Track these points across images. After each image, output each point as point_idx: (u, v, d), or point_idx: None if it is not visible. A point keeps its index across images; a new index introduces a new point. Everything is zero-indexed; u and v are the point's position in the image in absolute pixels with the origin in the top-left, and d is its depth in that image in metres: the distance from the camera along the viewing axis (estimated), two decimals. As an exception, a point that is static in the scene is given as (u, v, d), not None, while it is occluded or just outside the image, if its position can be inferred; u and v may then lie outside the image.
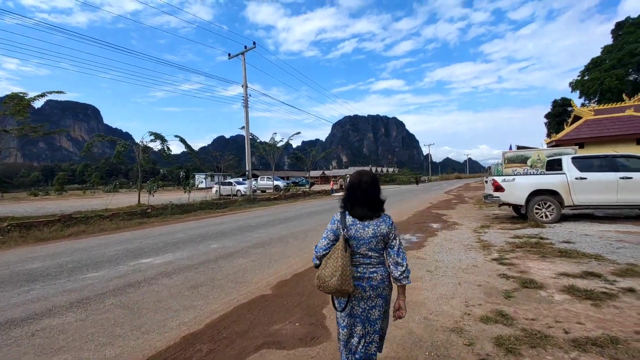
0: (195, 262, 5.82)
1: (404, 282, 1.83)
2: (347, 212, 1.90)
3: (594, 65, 47.31)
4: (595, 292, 3.54)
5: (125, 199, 23.66)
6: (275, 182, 33.52)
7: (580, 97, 46.69)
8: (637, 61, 41.74)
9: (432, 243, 6.88)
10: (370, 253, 1.83)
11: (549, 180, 8.66)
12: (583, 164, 8.53)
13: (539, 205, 8.63)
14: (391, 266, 1.87)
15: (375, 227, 1.83)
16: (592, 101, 43.50)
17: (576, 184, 8.32)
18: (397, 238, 1.88)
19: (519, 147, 19.43)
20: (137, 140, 18.81)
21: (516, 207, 9.68)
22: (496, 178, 9.22)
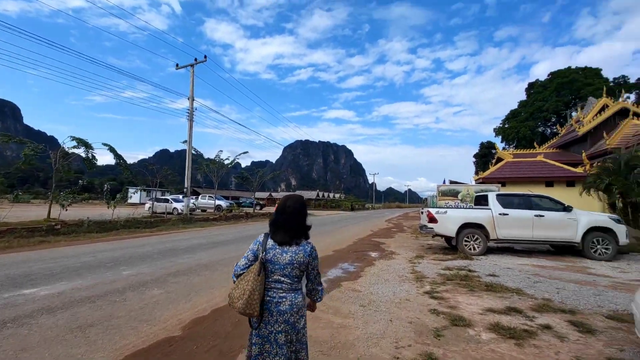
0: (95, 294, 4.84)
1: (318, 301, 2.07)
2: (270, 236, 1.90)
3: (513, 116, 54.90)
4: (518, 330, 3.56)
5: (34, 211, 20.26)
6: (217, 202, 31.76)
7: (502, 142, 53.38)
8: (544, 116, 49.40)
9: (369, 273, 6.73)
10: (283, 279, 1.83)
11: (477, 215, 9.25)
12: (505, 201, 9.31)
13: (467, 237, 9.12)
14: (308, 290, 2.00)
15: (293, 255, 1.83)
16: (511, 146, 49.99)
17: (500, 219, 9.00)
18: (316, 268, 1.95)
19: (451, 182, 21.08)
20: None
21: (448, 239, 10.14)
22: (431, 210, 9.62)
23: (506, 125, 54.55)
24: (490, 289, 5.34)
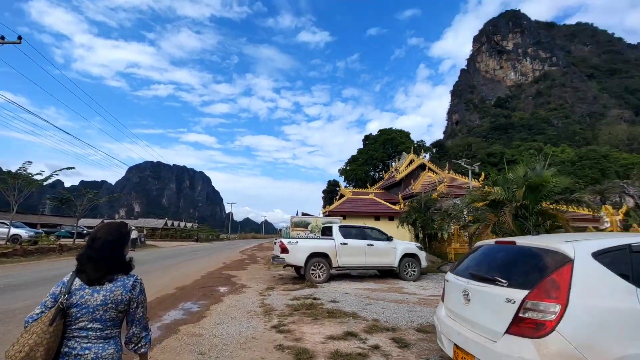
0: None
1: (142, 351, 1.64)
2: (77, 274, 1.58)
3: (353, 160, 65.69)
4: (353, 355, 3.83)
5: None
6: (15, 230, 22.91)
7: (344, 181, 62.55)
8: (374, 163, 61.32)
9: (215, 312, 6.09)
10: (91, 325, 1.50)
11: (322, 244, 10.07)
12: (345, 231, 10.55)
13: (314, 266, 9.73)
14: (128, 338, 1.62)
15: (108, 293, 1.53)
16: (351, 185, 59.04)
17: (340, 248, 10.07)
18: (140, 306, 1.62)
19: (303, 214, 22.62)
20: None
21: (297, 268, 10.55)
22: (283, 240, 9.87)
23: (348, 168, 64.78)
24: (332, 315, 5.70)
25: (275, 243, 10.60)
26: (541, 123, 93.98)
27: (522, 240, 2.88)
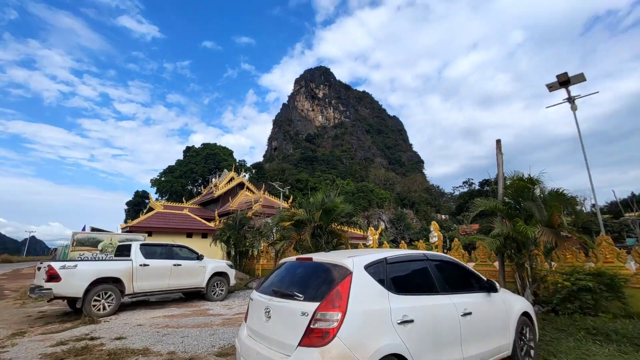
0: None
1: None
2: None
3: (170, 171, 59.34)
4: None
5: None
6: None
7: (156, 193, 55.27)
8: (194, 177, 57.74)
9: None
10: None
11: (114, 267, 8.27)
12: (148, 251, 9.14)
13: (98, 296, 7.79)
14: None
15: None
16: (164, 198, 52.74)
17: (139, 271, 8.57)
18: None
19: (93, 229, 18.09)
20: None
21: (72, 300, 8.12)
22: (53, 264, 7.41)
23: (163, 179, 57.78)
24: (114, 357, 4.65)
25: (39, 268, 7.80)
26: (336, 160, 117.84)
27: (318, 257, 3.21)
